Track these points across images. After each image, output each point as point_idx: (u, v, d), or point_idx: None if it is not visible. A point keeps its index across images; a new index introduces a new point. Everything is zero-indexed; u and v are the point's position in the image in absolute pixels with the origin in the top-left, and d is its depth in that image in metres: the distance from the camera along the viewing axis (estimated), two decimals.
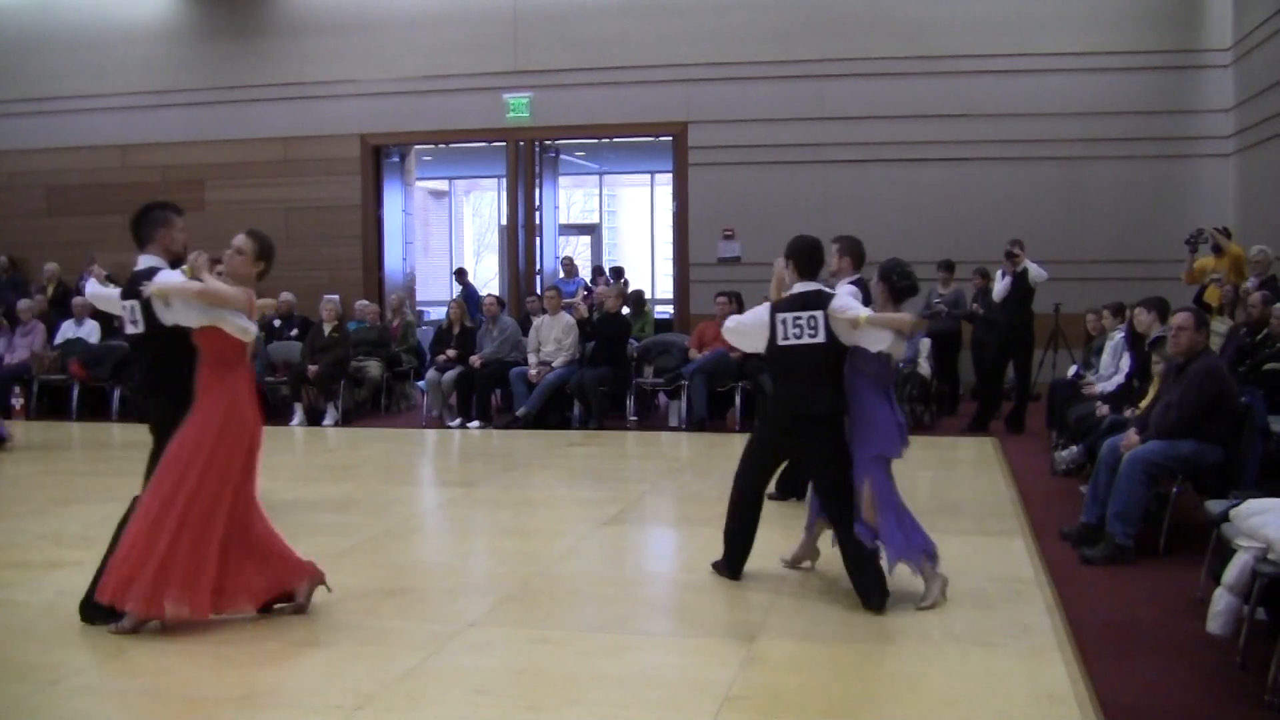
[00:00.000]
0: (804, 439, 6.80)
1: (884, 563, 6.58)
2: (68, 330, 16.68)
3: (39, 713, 5.05)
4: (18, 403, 15.94)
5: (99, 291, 7.32)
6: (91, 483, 10.98)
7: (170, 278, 6.18)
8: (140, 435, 6.55)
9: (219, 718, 4.99)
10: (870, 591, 6.46)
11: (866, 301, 6.93)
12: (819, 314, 6.63)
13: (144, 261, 6.38)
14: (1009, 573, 7.31)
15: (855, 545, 6.56)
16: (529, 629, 6.18)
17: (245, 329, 6.13)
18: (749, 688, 5.25)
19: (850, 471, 6.63)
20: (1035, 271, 13.24)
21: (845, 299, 6.71)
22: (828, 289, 6.86)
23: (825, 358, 6.64)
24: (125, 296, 6.44)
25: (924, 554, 6.60)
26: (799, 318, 6.66)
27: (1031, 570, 7.35)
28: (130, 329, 6.45)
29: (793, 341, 6.67)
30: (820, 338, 6.61)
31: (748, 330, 7.01)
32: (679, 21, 17.57)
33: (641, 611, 6.84)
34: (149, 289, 6.15)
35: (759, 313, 6.98)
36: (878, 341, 6.57)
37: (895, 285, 6.75)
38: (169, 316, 6.15)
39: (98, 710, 5.11)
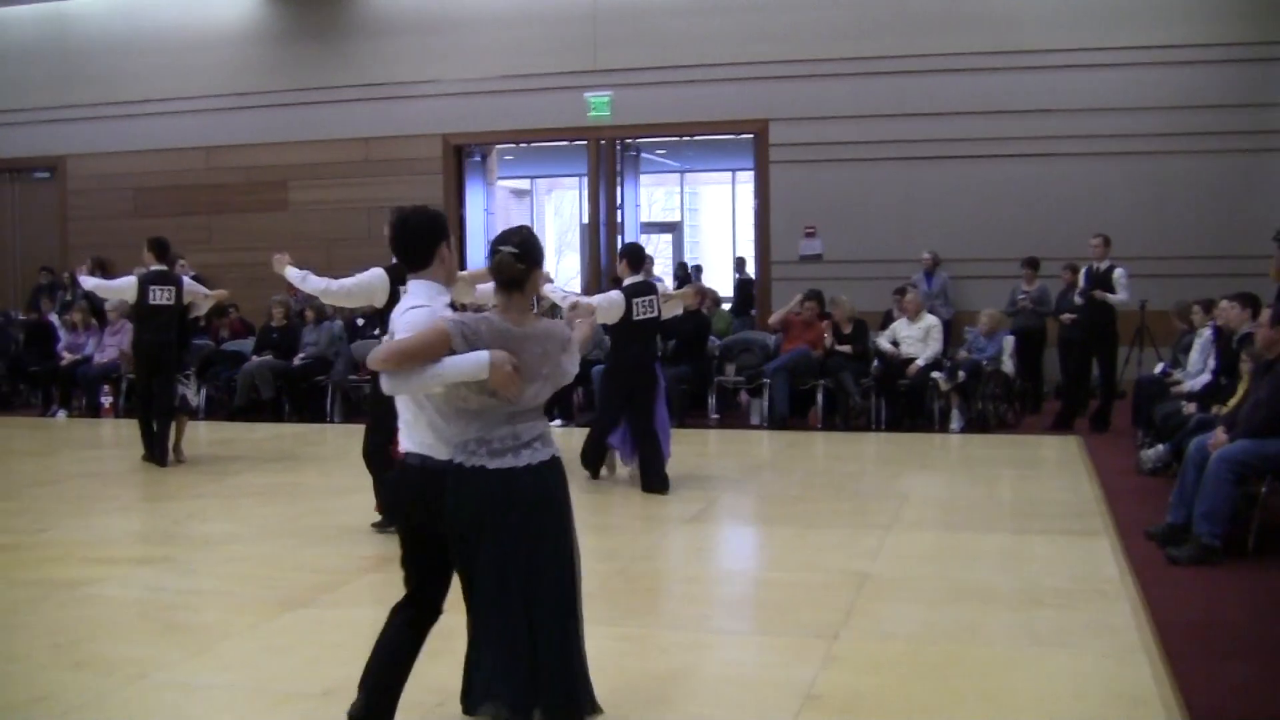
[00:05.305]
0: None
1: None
2: None
3: (126, 707, 5.14)
4: (107, 401, 16.24)
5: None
6: (179, 479, 11.12)
7: None
8: (228, 433, 6.64)
9: (302, 713, 5.06)
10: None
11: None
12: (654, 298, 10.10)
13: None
14: (1093, 573, 7.22)
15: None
16: (608, 626, 6.18)
17: None
18: (830, 687, 5.23)
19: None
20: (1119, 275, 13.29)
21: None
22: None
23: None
24: None
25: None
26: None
27: (1116, 571, 7.25)
28: None
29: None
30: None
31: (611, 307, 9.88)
32: (759, 19, 17.50)
33: (722, 609, 6.84)
34: None
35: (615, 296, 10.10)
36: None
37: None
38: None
39: (184, 705, 5.20)
